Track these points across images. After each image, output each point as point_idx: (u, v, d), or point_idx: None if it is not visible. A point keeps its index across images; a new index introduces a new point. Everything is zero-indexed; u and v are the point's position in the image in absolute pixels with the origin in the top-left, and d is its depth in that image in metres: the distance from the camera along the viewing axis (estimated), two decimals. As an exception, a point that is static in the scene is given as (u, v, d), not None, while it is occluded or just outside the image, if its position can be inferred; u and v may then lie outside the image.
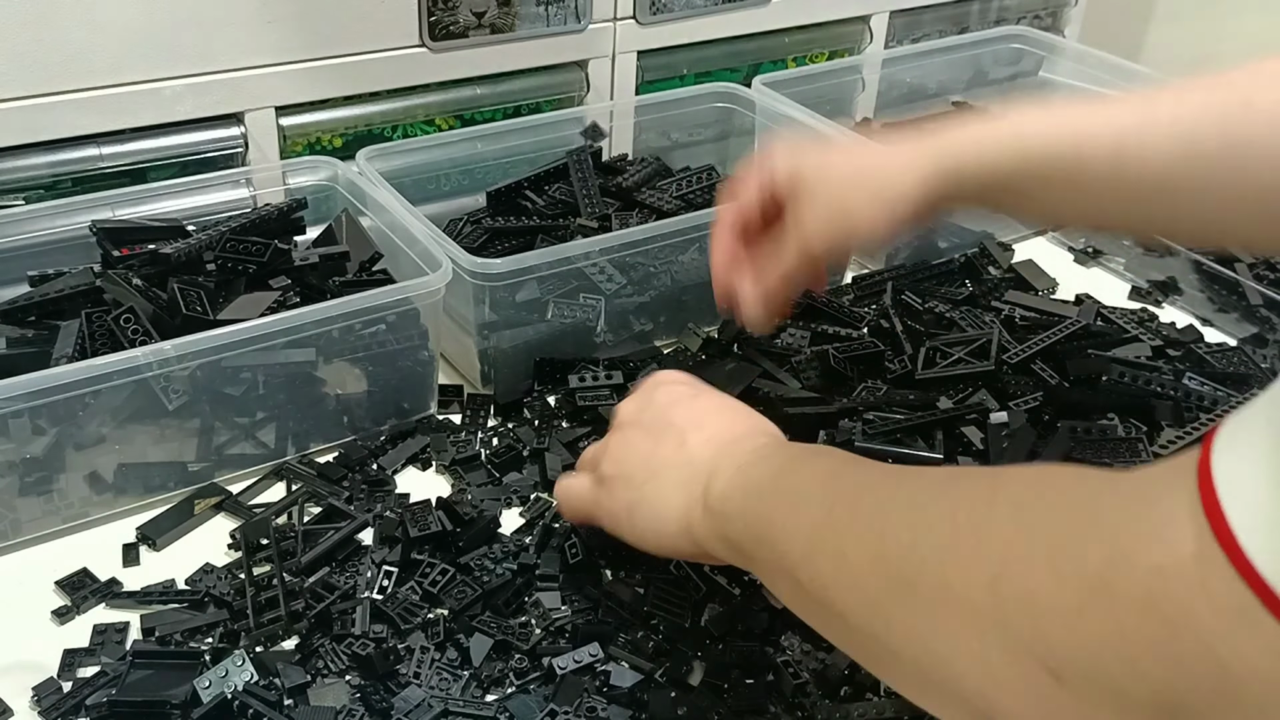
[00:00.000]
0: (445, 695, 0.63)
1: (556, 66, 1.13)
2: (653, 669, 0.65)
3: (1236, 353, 0.92)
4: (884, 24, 1.32)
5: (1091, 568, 0.38)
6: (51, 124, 0.91)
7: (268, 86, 0.98)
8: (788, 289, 0.73)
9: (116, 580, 0.72)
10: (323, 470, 0.80)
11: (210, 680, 0.62)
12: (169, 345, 0.73)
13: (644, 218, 0.97)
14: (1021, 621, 0.40)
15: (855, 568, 0.48)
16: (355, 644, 0.66)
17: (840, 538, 0.50)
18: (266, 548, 0.72)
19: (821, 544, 0.50)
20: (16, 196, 0.92)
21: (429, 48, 1.04)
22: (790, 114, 1.06)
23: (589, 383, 0.86)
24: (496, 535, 0.75)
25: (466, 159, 1.02)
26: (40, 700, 0.63)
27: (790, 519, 0.53)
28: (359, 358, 0.81)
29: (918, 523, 0.46)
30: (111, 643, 0.67)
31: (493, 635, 0.66)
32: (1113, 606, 0.37)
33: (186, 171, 0.97)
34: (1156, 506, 0.37)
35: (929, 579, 0.44)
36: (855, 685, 0.65)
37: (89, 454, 0.74)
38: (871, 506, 0.50)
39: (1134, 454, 0.78)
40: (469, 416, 0.86)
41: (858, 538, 0.49)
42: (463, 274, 0.82)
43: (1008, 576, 0.40)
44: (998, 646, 0.41)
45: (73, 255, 0.87)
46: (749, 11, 1.21)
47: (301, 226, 0.92)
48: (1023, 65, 1.32)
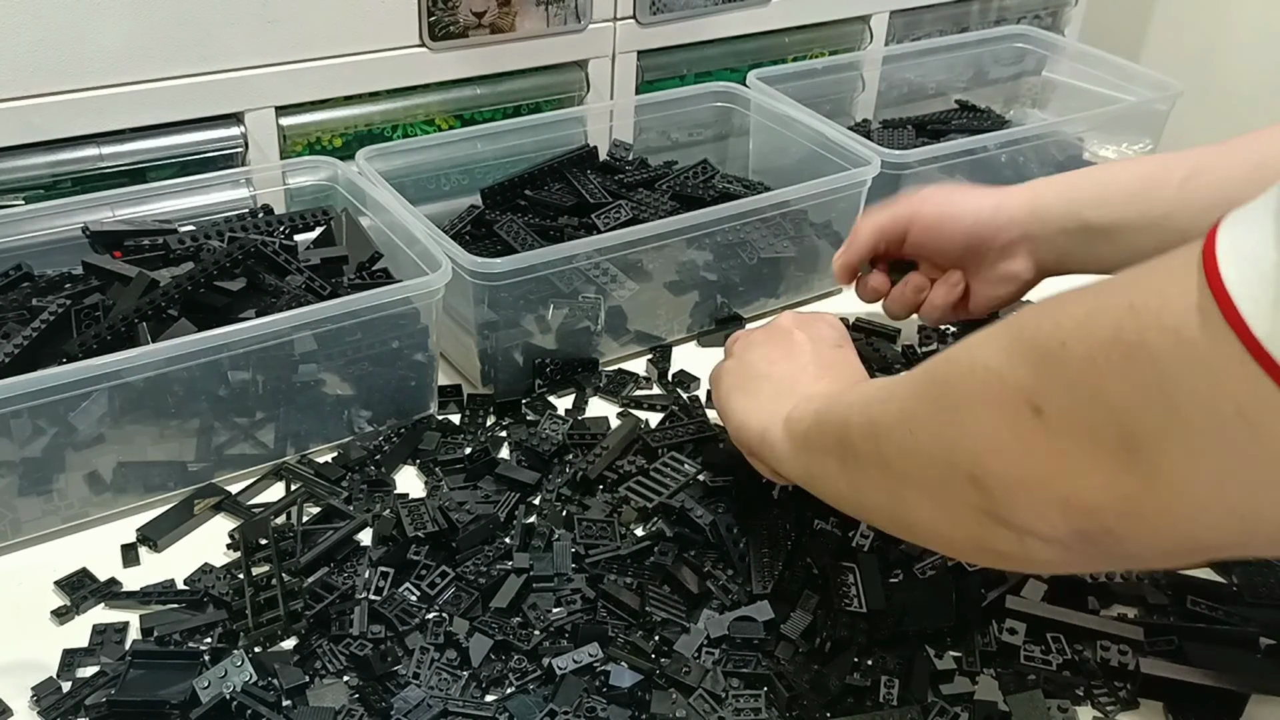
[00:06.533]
0: (445, 695, 0.63)
1: (556, 66, 1.13)
2: (652, 669, 0.65)
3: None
4: (884, 24, 1.32)
5: (1082, 313, 0.45)
6: (51, 124, 0.91)
7: (268, 86, 0.99)
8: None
9: (116, 580, 0.72)
10: (322, 470, 0.80)
11: (209, 680, 0.62)
12: (169, 345, 0.73)
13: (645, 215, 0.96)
14: (1020, 369, 0.47)
15: (902, 398, 0.56)
16: (353, 644, 0.66)
17: (892, 388, 0.58)
18: (265, 548, 0.72)
19: (873, 399, 0.60)
20: (16, 196, 0.92)
21: (429, 48, 1.04)
22: (786, 111, 1.06)
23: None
24: (495, 535, 0.75)
25: (466, 159, 1.02)
26: (40, 700, 0.63)
27: (849, 394, 0.63)
28: (359, 357, 0.81)
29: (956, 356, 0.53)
30: (111, 643, 0.67)
31: (492, 635, 0.66)
32: (1089, 343, 0.44)
33: (186, 171, 0.97)
34: (1157, 269, 0.43)
35: (957, 371, 0.52)
36: (855, 693, 0.65)
37: (89, 454, 0.74)
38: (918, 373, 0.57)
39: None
40: (469, 416, 0.86)
41: (906, 380, 0.57)
42: (463, 274, 0.82)
43: (1023, 337, 0.48)
44: (996, 403, 0.48)
45: (72, 255, 0.87)
46: (749, 11, 1.21)
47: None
48: (1025, 64, 1.32)
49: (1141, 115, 1.18)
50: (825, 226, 1.00)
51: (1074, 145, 1.17)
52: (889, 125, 1.21)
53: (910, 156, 1.01)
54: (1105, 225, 0.77)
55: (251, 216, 0.92)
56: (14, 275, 0.85)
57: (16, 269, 0.85)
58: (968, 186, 0.86)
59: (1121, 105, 1.19)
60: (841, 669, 0.65)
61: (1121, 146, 1.19)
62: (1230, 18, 1.67)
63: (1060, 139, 1.15)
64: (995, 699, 0.64)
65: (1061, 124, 1.16)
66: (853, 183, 0.98)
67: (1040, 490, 0.47)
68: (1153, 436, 0.42)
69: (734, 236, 0.94)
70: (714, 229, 0.92)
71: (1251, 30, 1.66)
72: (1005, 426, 0.48)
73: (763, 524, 0.74)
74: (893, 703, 0.63)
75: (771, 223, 0.96)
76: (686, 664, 0.65)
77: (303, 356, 0.79)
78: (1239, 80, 1.65)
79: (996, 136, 1.08)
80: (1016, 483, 0.48)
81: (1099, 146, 1.19)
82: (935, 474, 0.52)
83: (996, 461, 0.49)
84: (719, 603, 0.70)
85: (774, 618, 0.68)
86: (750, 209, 0.93)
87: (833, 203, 0.99)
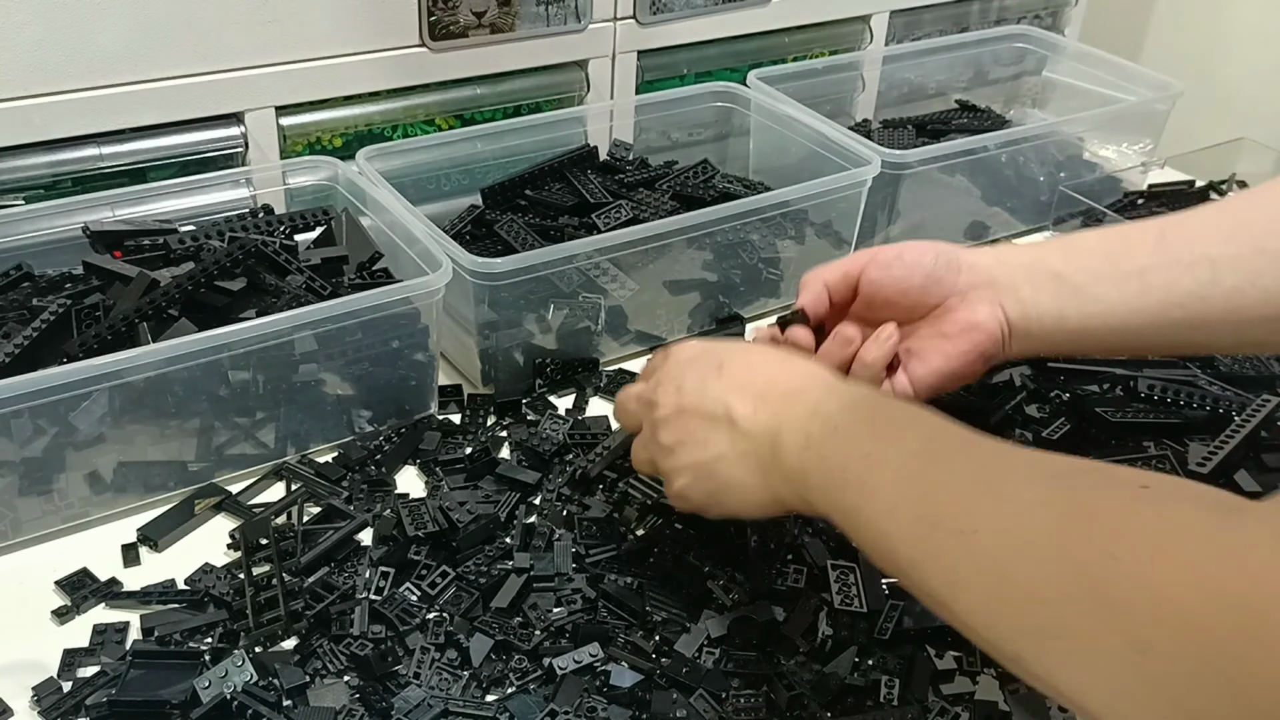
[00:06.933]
0: (445, 695, 0.63)
1: (556, 66, 1.13)
2: (652, 669, 0.65)
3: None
4: (884, 24, 1.32)
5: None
6: (51, 124, 0.91)
7: (268, 86, 0.99)
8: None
9: (116, 580, 0.72)
10: (322, 470, 0.80)
11: (210, 680, 0.62)
12: (169, 345, 0.73)
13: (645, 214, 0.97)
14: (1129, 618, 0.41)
15: (965, 578, 0.48)
16: (354, 644, 0.66)
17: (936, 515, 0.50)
18: (266, 548, 0.72)
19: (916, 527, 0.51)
20: (16, 196, 0.92)
21: (429, 48, 1.04)
22: (786, 111, 1.06)
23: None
24: (495, 535, 0.75)
25: (466, 159, 1.02)
26: (40, 700, 0.63)
27: (872, 493, 0.55)
28: (359, 357, 0.81)
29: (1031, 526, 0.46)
30: (111, 643, 0.67)
31: (493, 635, 0.66)
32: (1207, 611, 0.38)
33: (186, 171, 0.97)
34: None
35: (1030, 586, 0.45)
36: (855, 693, 0.64)
37: (89, 454, 0.74)
38: (968, 480, 0.51)
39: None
40: (469, 416, 0.86)
41: (956, 531, 0.49)
42: (463, 274, 0.82)
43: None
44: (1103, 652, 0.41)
45: (72, 255, 0.87)
46: (749, 11, 1.21)
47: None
48: (1025, 64, 1.32)
49: (1141, 115, 1.18)
50: (825, 226, 1.00)
51: (1074, 145, 1.17)
52: (889, 125, 1.22)
53: (910, 156, 1.01)
54: (1074, 276, 0.70)
55: (251, 216, 0.92)
56: (14, 275, 0.85)
57: (16, 269, 0.85)
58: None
59: (1121, 105, 1.19)
60: (841, 669, 0.65)
61: (1121, 146, 1.19)
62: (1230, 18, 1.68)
63: (1060, 139, 1.15)
64: (995, 699, 0.64)
65: (1061, 124, 1.16)
66: (853, 183, 0.98)
67: None
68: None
69: (734, 236, 0.94)
70: (714, 229, 0.92)
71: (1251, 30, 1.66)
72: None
73: (763, 523, 0.74)
74: (893, 703, 0.63)
75: (771, 223, 0.96)
76: (686, 664, 0.65)
77: (303, 356, 0.79)
78: (1239, 80, 1.65)
79: (996, 136, 1.08)
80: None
81: (1099, 146, 1.19)
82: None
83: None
84: (719, 603, 0.70)
85: (774, 618, 0.68)
86: (750, 209, 0.93)
87: (833, 203, 0.99)
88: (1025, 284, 0.71)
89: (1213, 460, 0.77)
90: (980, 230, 1.12)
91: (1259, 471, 0.78)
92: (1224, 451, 0.77)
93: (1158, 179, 1.16)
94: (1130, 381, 0.85)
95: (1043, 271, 0.71)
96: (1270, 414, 0.79)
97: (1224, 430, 0.79)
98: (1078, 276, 0.70)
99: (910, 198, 1.04)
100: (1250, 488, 0.76)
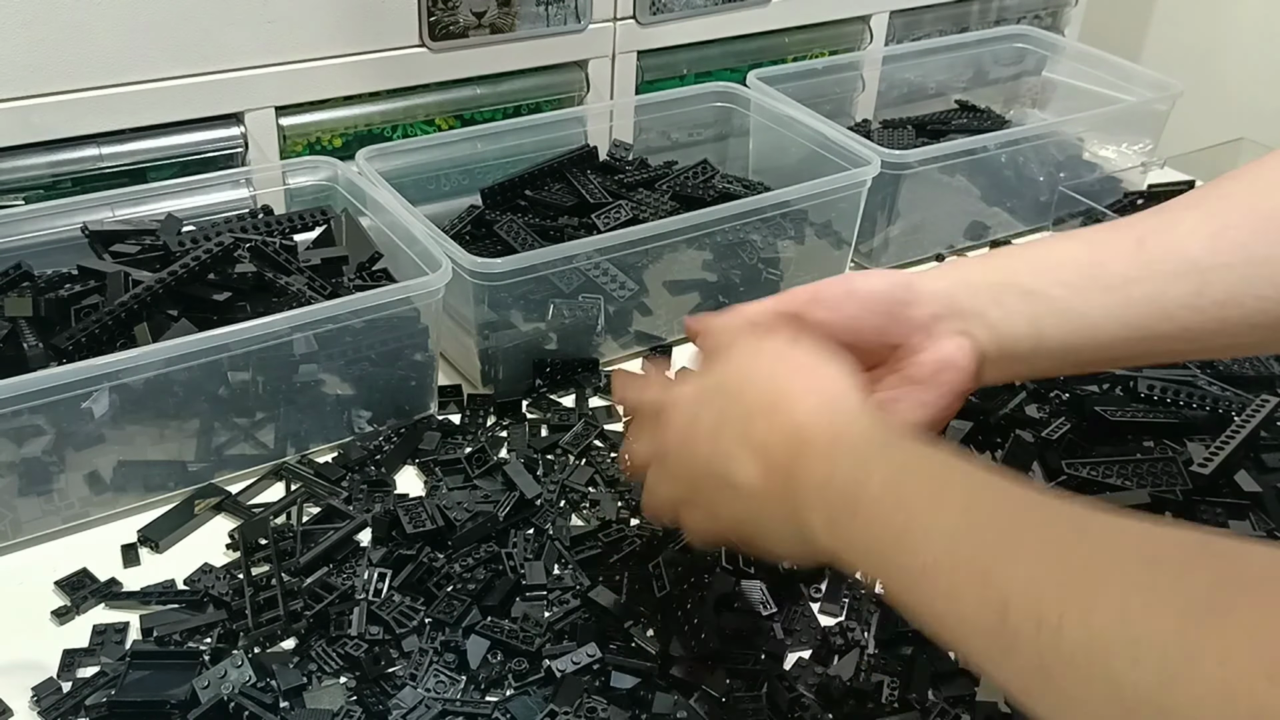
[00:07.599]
0: (443, 697, 0.63)
1: (556, 66, 1.13)
2: (652, 669, 0.65)
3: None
4: (884, 24, 1.32)
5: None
6: (51, 124, 0.91)
7: (268, 86, 0.99)
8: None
9: (116, 580, 0.72)
10: (322, 470, 0.80)
11: (209, 680, 0.62)
12: (169, 345, 0.73)
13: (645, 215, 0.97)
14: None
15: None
16: (350, 645, 0.65)
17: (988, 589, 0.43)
18: (265, 548, 0.72)
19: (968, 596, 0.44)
20: (16, 196, 0.92)
21: (429, 48, 1.04)
22: (786, 111, 1.06)
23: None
24: (493, 535, 0.74)
25: (466, 159, 1.02)
26: (40, 700, 0.63)
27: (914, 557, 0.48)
28: (359, 358, 0.81)
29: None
30: (111, 643, 0.67)
31: (491, 636, 0.66)
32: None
33: (186, 171, 0.97)
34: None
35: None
36: (855, 693, 0.64)
37: (89, 454, 0.74)
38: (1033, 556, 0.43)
39: (1171, 476, 0.77)
40: (469, 416, 0.86)
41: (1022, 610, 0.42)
42: (463, 274, 0.82)
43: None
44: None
45: (72, 255, 0.87)
46: (749, 11, 1.21)
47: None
48: (1025, 64, 1.32)
49: (1141, 115, 1.18)
50: (825, 226, 1.00)
51: (1074, 145, 1.17)
52: (889, 125, 1.22)
53: (910, 156, 1.01)
54: (1049, 290, 0.64)
55: (251, 216, 0.92)
56: (14, 275, 0.85)
57: (16, 269, 0.85)
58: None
59: (1121, 105, 1.19)
60: (841, 669, 0.65)
61: (1121, 146, 1.19)
62: (1230, 18, 1.68)
63: (1060, 139, 1.15)
64: (996, 699, 0.64)
65: (1061, 124, 1.16)
66: (853, 183, 0.98)
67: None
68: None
69: (734, 236, 0.94)
70: (714, 229, 0.92)
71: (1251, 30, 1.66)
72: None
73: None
74: (893, 703, 0.63)
75: (771, 223, 0.96)
76: (687, 664, 0.65)
77: (303, 357, 0.79)
78: (1239, 80, 1.65)
79: (996, 136, 1.08)
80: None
81: (1099, 146, 1.19)
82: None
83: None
84: (719, 603, 0.69)
85: (773, 618, 0.68)
86: (750, 209, 0.93)
87: (833, 203, 0.99)
88: (993, 306, 0.65)
89: (1213, 460, 0.77)
90: (980, 230, 1.12)
91: (1259, 471, 0.78)
92: (1225, 452, 0.77)
93: (1157, 179, 1.16)
94: (1130, 381, 0.85)
95: (1012, 291, 0.65)
96: (1270, 414, 0.79)
97: (1224, 430, 0.79)
98: (1053, 291, 0.64)
99: (910, 198, 1.04)
100: (1250, 488, 0.76)
